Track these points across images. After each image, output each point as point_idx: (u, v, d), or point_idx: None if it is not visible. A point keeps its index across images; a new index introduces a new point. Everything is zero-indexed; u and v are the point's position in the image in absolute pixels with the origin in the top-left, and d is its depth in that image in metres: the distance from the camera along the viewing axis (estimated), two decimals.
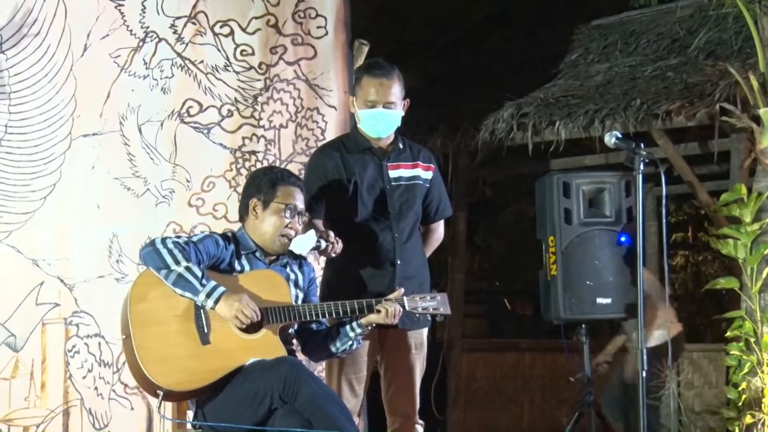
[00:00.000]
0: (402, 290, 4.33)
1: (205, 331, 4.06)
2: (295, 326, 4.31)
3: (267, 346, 4.11)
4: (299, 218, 4.27)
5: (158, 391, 4.03)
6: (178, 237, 4.13)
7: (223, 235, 4.28)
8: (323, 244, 4.33)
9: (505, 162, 8.42)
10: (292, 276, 4.33)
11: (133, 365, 4.05)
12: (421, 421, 4.66)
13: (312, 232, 4.34)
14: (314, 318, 4.24)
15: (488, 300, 11.14)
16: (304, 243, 4.31)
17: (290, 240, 4.25)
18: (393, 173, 4.60)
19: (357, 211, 4.53)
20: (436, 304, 4.40)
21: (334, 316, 4.27)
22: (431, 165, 4.70)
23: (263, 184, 4.28)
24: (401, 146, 4.64)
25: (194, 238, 4.16)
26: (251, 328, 4.14)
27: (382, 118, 4.54)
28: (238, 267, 4.22)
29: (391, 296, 4.30)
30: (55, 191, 5.28)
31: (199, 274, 4.03)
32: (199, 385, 4.06)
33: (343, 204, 4.53)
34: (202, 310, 4.08)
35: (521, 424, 8.63)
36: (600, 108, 7.29)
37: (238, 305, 4.04)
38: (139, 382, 4.10)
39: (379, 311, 4.24)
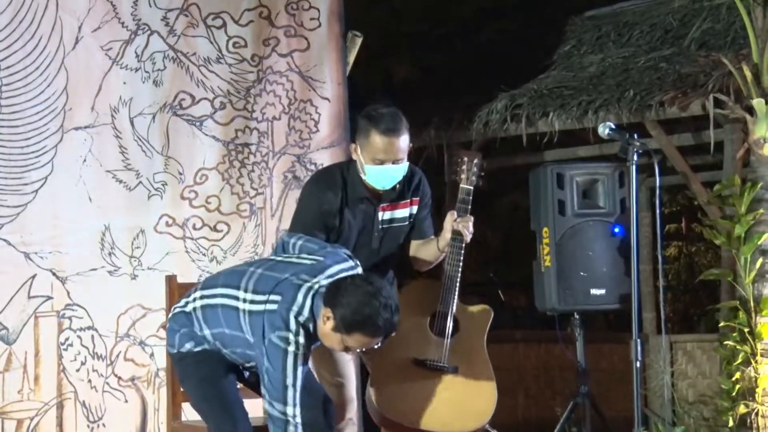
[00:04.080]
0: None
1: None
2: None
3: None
4: None
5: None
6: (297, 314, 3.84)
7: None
8: None
9: (498, 153, 8.41)
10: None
11: None
12: None
13: None
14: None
15: (482, 291, 11.14)
16: None
17: None
18: (385, 215, 4.42)
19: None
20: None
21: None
22: (422, 197, 4.50)
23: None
24: (397, 186, 4.41)
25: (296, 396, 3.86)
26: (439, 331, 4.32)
27: (390, 174, 4.32)
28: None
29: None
30: (47, 184, 5.27)
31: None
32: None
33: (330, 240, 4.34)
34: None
35: (516, 415, 8.62)
36: (593, 99, 7.28)
37: None
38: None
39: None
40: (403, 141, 4.28)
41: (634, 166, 4.42)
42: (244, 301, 3.90)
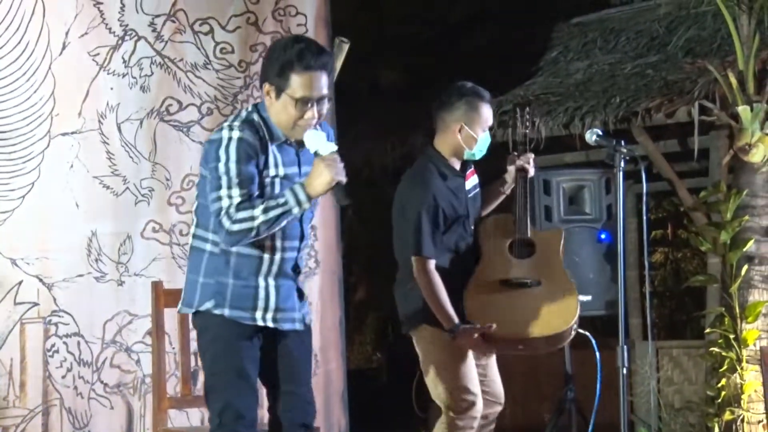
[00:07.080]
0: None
1: None
2: None
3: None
4: (318, 106, 3.72)
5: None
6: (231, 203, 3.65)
7: (251, 131, 3.68)
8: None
9: (485, 159, 8.42)
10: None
11: None
12: None
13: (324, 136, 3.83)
14: None
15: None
16: (317, 140, 3.73)
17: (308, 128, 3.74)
18: (468, 183, 4.82)
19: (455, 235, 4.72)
20: None
21: None
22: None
23: (275, 68, 3.71)
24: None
25: (233, 178, 3.63)
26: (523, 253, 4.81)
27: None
28: (271, 161, 3.71)
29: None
30: (34, 190, 5.25)
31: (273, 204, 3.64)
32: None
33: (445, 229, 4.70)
34: None
35: (503, 421, 8.59)
36: (580, 105, 7.29)
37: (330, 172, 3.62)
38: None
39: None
40: None
41: (620, 173, 4.44)
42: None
